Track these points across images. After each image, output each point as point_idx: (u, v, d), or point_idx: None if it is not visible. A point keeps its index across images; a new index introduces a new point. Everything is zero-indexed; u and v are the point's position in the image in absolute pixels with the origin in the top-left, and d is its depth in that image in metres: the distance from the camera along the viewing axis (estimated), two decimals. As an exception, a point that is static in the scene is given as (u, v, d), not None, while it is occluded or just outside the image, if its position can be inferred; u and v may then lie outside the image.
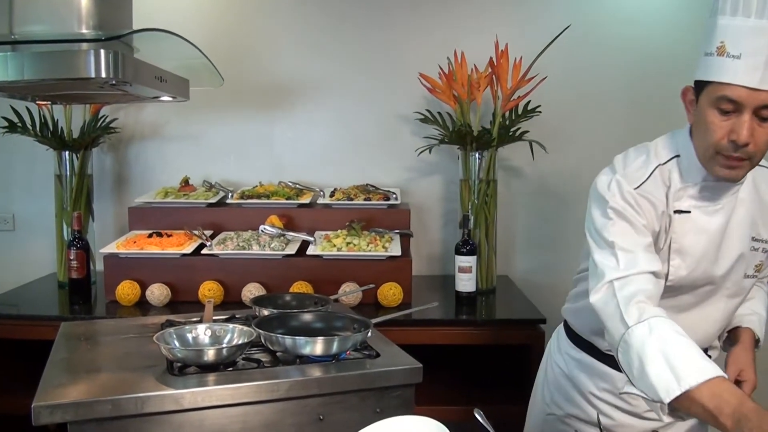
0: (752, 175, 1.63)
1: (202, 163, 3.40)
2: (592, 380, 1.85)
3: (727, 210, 1.63)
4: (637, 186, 1.61)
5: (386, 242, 2.86)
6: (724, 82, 1.45)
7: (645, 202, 1.60)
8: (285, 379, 1.68)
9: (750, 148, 1.46)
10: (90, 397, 1.55)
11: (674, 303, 1.67)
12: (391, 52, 3.34)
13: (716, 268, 1.64)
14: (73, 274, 2.82)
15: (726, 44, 1.45)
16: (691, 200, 1.61)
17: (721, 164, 1.52)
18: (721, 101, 1.46)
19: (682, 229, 1.61)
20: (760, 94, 1.42)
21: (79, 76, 1.88)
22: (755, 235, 1.65)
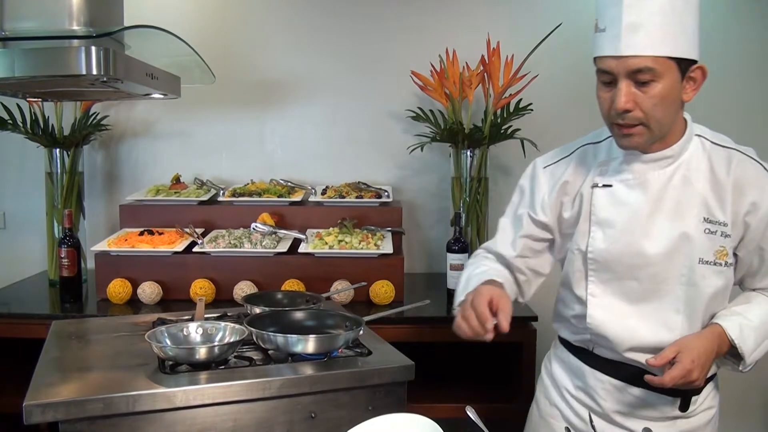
0: (707, 154, 1.63)
1: (194, 161, 3.39)
2: (569, 377, 1.84)
3: (657, 185, 1.62)
4: (548, 164, 1.80)
5: (378, 240, 2.86)
6: (598, 56, 1.55)
7: (549, 177, 1.77)
8: (277, 377, 1.68)
9: (635, 114, 1.52)
10: (81, 395, 1.55)
11: (622, 291, 1.67)
12: (383, 49, 3.34)
13: (646, 244, 1.62)
14: (64, 272, 2.81)
15: (597, 20, 1.55)
16: (614, 174, 1.67)
17: (617, 134, 1.59)
18: (600, 74, 1.55)
19: (603, 202, 1.67)
20: (627, 61, 1.48)
21: (70, 73, 1.87)
22: (708, 217, 1.60)
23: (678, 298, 1.63)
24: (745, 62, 3.32)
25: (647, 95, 1.50)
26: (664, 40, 1.47)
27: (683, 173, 1.62)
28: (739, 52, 3.31)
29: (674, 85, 1.50)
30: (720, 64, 3.30)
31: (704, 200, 1.60)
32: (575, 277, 1.74)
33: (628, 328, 1.66)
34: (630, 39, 1.47)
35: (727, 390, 3.39)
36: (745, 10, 3.30)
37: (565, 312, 1.81)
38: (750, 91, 3.34)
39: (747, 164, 1.61)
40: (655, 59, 1.47)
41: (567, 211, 1.74)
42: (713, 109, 3.30)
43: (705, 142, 1.64)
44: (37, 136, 3.04)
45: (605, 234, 1.66)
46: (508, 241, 1.83)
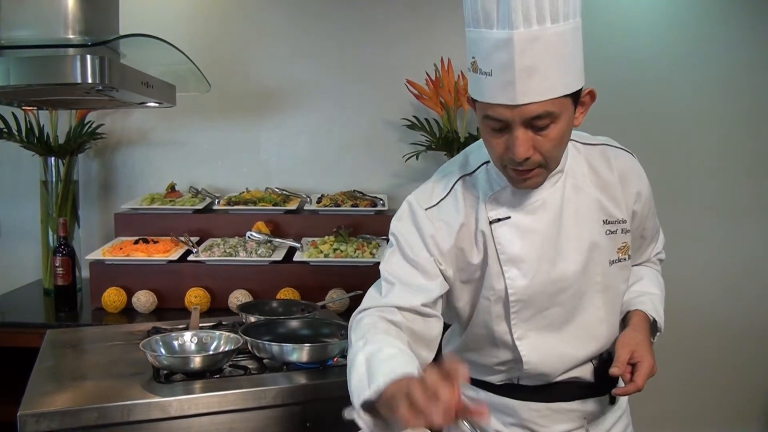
0: (586, 159, 1.55)
1: (189, 169, 3.39)
2: (496, 417, 1.66)
3: (554, 204, 1.51)
4: (430, 206, 1.54)
5: (373, 248, 2.86)
6: (483, 101, 1.35)
7: (442, 225, 1.51)
8: (272, 386, 1.68)
9: (535, 158, 1.37)
10: (76, 405, 1.55)
11: (546, 322, 1.56)
12: (378, 58, 3.35)
13: (563, 266, 1.51)
14: (59, 281, 2.80)
15: (477, 60, 1.35)
16: (506, 205, 1.51)
17: (512, 177, 1.43)
18: (488, 120, 1.37)
19: (507, 237, 1.50)
20: (523, 109, 1.31)
21: (66, 82, 1.88)
22: (607, 218, 1.55)
23: (598, 307, 1.58)
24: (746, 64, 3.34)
25: (546, 139, 1.35)
26: (560, 79, 1.31)
27: (572, 183, 1.53)
28: (740, 53, 3.33)
29: (570, 119, 1.38)
30: (721, 65, 3.33)
31: (598, 203, 1.55)
32: (494, 324, 1.56)
33: (562, 356, 1.58)
34: (525, 86, 1.28)
35: (728, 393, 3.43)
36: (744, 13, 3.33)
37: (484, 361, 1.63)
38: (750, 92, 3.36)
39: (621, 156, 1.59)
40: (552, 102, 1.31)
41: (473, 256, 1.53)
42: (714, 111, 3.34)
43: (576, 144, 1.58)
44: (32, 145, 3.04)
45: (521, 270, 1.51)
46: (422, 291, 1.47)
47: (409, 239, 1.52)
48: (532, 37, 1.27)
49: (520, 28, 1.26)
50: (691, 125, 3.30)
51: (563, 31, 1.30)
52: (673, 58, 3.31)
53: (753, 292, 3.41)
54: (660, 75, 3.30)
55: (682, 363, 3.38)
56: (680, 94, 3.30)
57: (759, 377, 3.47)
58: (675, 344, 3.37)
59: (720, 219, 3.35)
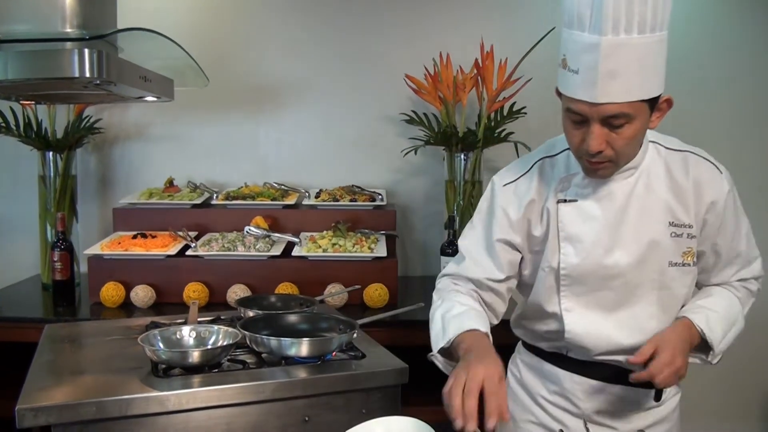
0: (665, 162, 1.64)
1: (187, 164, 3.39)
2: (542, 383, 1.84)
3: (621, 196, 1.63)
4: (508, 182, 1.74)
5: (372, 243, 2.86)
6: (568, 96, 1.50)
7: (514, 198, 1.71)
8: (270, 380, 1.67)
9: (607, 153, 1.51)
10: (74, 399, 1.54)
11: (596, 302, 1.67)
12: (376, 53, 3.34)
13: (616, 255, 1.63)
14: (57, 276, 2.80)
15: (567, 58, 1.48)
16: (576, 189, 1.66)
17: (585, 167, 1.58)
18: (570, 113, 1.51)
19: (570, 218, 1.65)
20: (601, 108, 1.44)
21: (63, 76, 1.87)
22: (673, 221, 1.62)
23: (651, 303, 1.66)
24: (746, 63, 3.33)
25: (620, 137, 1.49)
26: (639, 85, 1.44)
27: (644, 181, 1.63)
28: (740, 53, 3.33)
29: (645, 122, 1.51)
30: (720, 65, 3.33)
31: (667, 205, 1.63)
32: (547, 294, 1.72)
33: (606, 337, 1.67)
34: (607, 87, 1.42)
35: (727, 388, 3.43)
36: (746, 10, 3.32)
37: (535, 327, 1.81)
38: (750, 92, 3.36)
39: (702, 165, 1.65)
40: (629, 105, 1.44)
41: (536, 229, 1.70)
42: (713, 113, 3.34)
43: (660, 148, 1.67)
44: (30, 139, 3.04)
45: (576, 249, 1.65)
46: (490, 266, 1.72)
47: (485, 216, 1.76)
48: (619, 44, 1.40)
49: (608, 34, 1.39)
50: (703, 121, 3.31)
51: (649, 42, 1.42)
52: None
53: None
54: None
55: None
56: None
57: (760, 373, 3.47)
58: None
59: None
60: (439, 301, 1.71)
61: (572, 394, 1.77)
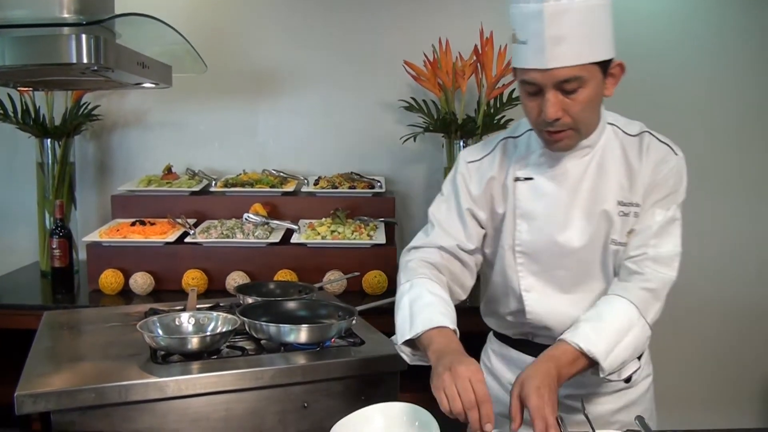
0: (620, 143, 1.66)
1: (186, 151, 3.38)
2: (511, 370, 1.81)
3: (575, 174, 1.64)
4: (473, 160, 1.76)
5: (371, 230, 2.86)
6: (520, 67, 1.53)
7: (476, 175, 1.73)
8: (269, 366, 1.68)
9: (564, 120, 1.52)
10: (73, 385, 1.55)
11: (554, 281, 1.68)
12: (375, 39, 3.33)
13: (568, 233, 1.64)
14: (56, 263, 2.80)
15: (516, 31, 1.53)
16: (533, 167, 1.68)
17: (546, 139, 1.59)
18: (524, 84, 1.54)
19: (525, 195, 1.68)
20: (552, 73, 1.47)
21: (61, 62, 1.86)
22: (622, 200, 1.63)
23: (601, 280, 1.67)
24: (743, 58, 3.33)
25: (575, 102, 1.51)
26: (587, 48, 1.48)
27: (598, 161, 1.65)
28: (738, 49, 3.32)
29: (598, 86, 1.53)
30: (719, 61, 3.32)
31: (618, 184, 1.63)
32: (508, 273, 1.73)
33: (566, 315, 1.66)
34: (554, 52, 1.46)
35: (723, 378, 3.45)
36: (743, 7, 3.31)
37: (499, 309, 1.80)
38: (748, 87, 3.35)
39: (656, 147, 1.65)
40: (580, 67, 1.47)
41: (499, 206, 1.73)
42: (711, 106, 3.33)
43: (617, 131, 1.68)
44: (28, 126, 3.03)
45: (530, 226, 1.68)
46: (461, 234, 1.72)
47: (452, 188, 1.77)
48: (561, 9, 1.45)
49: (549, 0, 1.45)
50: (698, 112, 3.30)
51: (591, 5, 1.47)
52: (682, 46, 3.30)
53: (751, 273, 3.41)
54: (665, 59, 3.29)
55: (677, 344, 3.40)
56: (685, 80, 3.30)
57: (757, 358, 3.48)
58: (670, 325, 3.39)
59: (716, 200, 3.35)
60: (407, 285, 1.63)
61: None
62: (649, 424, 1.48)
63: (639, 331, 1.56)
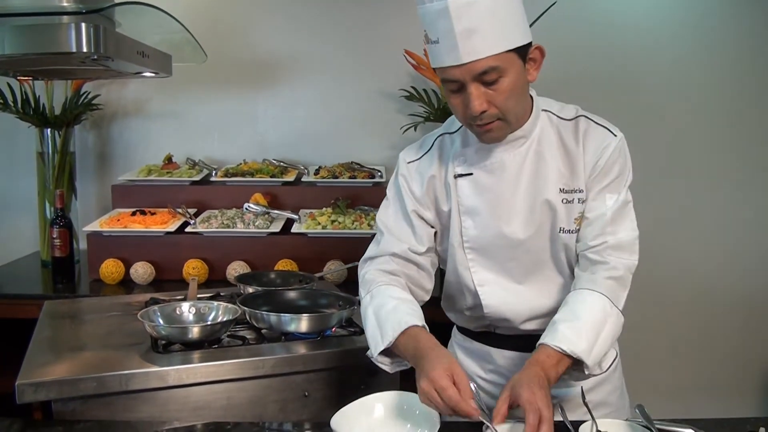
0: (556, 128, 1.64)
1: (186, 141, 3.38)
2: (477, 363, 1.81)
3: (513, 166, 1.63)
4: (412, 160, 1.74)
5: (371, 220, 2.85)
6: (438, 67, 1.51)
7: (417, 175, 1.72)
8: (270, 356, 1.68)
9: (491, 112, 1.51)
10: (74, 374, 1.55)
11: (506, 273, 1.67)
12: (376, 28, 3.32)
13: (513, 225, 1.63)
14: (56, 253, 2.80)
15: (427, 32, 1.52)
16: (471, 162, 1.67)
17: (477, 132, 1.58)
18: (446, 83, 1.53)
19: (466, 191, 1.67)
20: (469, 66, 1.45)
21: (60, 51, 1.85)
22: (564, 187, 1.61)
23: (551, 269, 1.66)
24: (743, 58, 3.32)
25: (498, 92, 1.49)
26: (500, 37, 1.46)
27: (535, 149, 1.63)
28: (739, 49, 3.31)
29: (519, 73, 1.51)
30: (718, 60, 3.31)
31: (558, 171, 1.62)
32: (460, 270, 1.72)
33: (524, 302, 1.67)
34: (467, 46, 1.44)
35: (726, 367, 3.45)
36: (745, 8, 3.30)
37: (457, 305, 1.80)
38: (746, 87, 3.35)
39: (592, 129, 1.63)
40: (496, 57, 1.45)
41: (444, 204, 1.71)
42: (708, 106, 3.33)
43: (552, 116, 1.67)
44: (28, 116, 3.02)
45: (474, 221, 1.67)
46: (410, 238, 1.71)
47: (396, 191, 1.75)
48: (466, 3, 1.43)
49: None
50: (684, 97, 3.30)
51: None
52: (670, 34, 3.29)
53: (750, 262, 3.41)
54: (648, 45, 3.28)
55: (677, 332, 3.40)
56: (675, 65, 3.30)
57: (756, 348, 3.49)
58: (670, 314, 3.40)
59: (715, 188, 3.34)
60: (368, 297, 1.63)
61: (506, 369, 1.74)
62: (625, 404, 1.48)
63: (614, 320, 1.55)
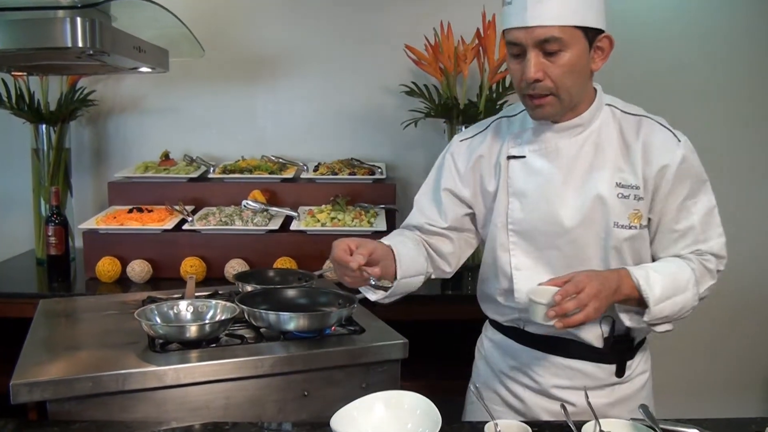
0: (618, 123, 1.67)
1: (183, 137, 3.37)
2: (503, 358, 1.85)
3: (569, 153, 1.66)
4: (464, 138, 1.83)
5: (371, 217, 2.85)
6: (506, 28, 1.59)
7: (466, 152, 1.80)
8: (269, 355, 1.68)
9: (545, 83, 1.55)
10: (70, 374, 1.54)
11: (546, 262, 1.69)
12: (376, 23, 3.31)
13: (561, 212, 1.65)
14: (52, 251, 2.80)
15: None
16: (526, 145, 1.71)
17: (529, 105, 1.63)
18: (509, 47, 1.59)
19: (517, 173, 1.71)
20: (533, 31, 1.51)
21: (56, 46, 1.85)
22: (620, 181, 1.63)
23: (598, 265, 1.66)
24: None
25: (556, 65, 1.54)
26: (570, 10, 1.51)
27: (594, 141, 1.66)
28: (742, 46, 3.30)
29: (582, 54, 1.55)
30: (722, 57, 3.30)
31: (615, 165, 1.64)
32: (498, 252, 1.75)
33: None
34: (536, 10, 1.50)
35: (727, 365, 3.45)
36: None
37: (490, 290, 1.83)
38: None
39: (656, 130, 1.66)
40: (561, 29, 1.50)
41: (490, 184, 1.76)
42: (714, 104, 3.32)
43: (615, 111, 1.69)
44: (22, 112, 3.01)
45: (522, 204, 1.70)
46: (433, 213, 1.83)
47: (437, 169, 1.87)
48: None
49: None
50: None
51: None
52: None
53: (757, 262, 3.41)
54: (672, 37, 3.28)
55: (679, 333, 3.40)
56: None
57: (759, 349, 3.49)
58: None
59: (731, 184, 3.33)
60: None
61: (529, 368, 1.78)
62: None
63: (690, 296, 1.62)
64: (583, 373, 1.73)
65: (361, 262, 1.54)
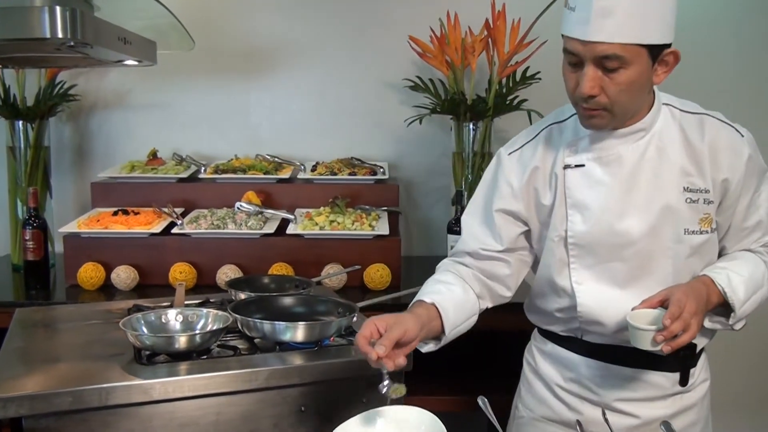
0: (678, 123, 1.67)
1: (172, 135, 3.37)
2: (558, 370, 1.86)
3: (631, 160, 1.66)
4: (513, 150, 1.81)
5: (373, 220, 2.85)
6: (564, 35, 1.58)
7: (518, 166, 1.78)
8: (264, 367, 1.68)
9: (600, 100, 1.55)
10: (48, 389, 1.54)
11: (609, 274, 1.70)
12: (378, 13, 3.32)
13: (627, 222, 1.65)
14: (29, 256, 2.79)
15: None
16: (584, 153, 1.70)
17: (581, 114, 1.63)
18: (566, 53, 1.59)
19: (576, 183, 1.70)
20: (594, 47, 1.50)
21: (33, 36, 1.83)
22: (688, 186, 1.65)
23: (667, 275, 1.67)
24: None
25: (613, 81, 1.53)
26: (635, 27, 1.49)
27: (657, 145, 1.66)
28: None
29: (643, 71, 1.54)
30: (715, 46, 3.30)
31: (682, 170, 1.65)
32: (556, 267, 1.76)
33: (622, 311, 1.67)
34: (599, 24, 1.48)
35: (759, 378, 3.44)
36: None
37: (547, 306, 1.83)
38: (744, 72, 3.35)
39: (719, 128, 1.67)
40: (623, 47, 1.49)
41: (545, 197, 1.75)
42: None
43: (674, 110, 1.70)
44: (-3, 107, 3.02)
45: (583, 216, 1.69)
46: (487, 237, 1.81)
47: (486, 188, 1.84)
48: None
49: None
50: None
51: None
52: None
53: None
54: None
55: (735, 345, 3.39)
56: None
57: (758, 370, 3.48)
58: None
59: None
60: (428, 281, 1.80)
61: (589, 380, 1.79)
62: None
63: (765, 292, 1.69)
64: (644, 383, 1.75)
65: (381, 355, 1.46)
